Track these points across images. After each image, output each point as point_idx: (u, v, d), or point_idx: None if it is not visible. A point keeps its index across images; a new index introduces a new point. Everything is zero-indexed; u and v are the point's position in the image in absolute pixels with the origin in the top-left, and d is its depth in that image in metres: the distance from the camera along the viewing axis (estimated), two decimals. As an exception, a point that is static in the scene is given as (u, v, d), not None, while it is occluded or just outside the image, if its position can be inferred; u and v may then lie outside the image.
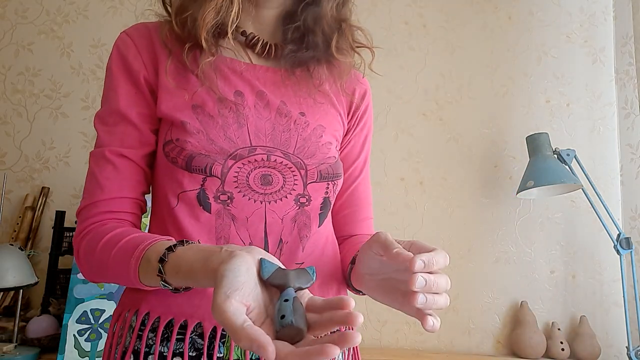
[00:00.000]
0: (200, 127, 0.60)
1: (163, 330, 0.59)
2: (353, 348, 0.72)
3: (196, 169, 0.59)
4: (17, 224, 1.75)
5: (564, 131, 1.93)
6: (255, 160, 0.61)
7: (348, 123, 0.74)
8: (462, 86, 1.96)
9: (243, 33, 0.65)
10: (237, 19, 0.61)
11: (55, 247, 1.62)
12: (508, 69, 1.97)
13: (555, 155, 1.72)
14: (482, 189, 1.90)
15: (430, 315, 0.49)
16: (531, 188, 1.63)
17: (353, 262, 0.64)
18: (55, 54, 1.89)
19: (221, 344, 0.59)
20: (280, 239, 0.63)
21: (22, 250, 1.59)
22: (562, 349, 1.69)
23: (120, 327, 0.62)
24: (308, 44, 0.66)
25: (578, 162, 1.71)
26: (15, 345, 1.47)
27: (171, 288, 0.52)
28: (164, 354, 0.58)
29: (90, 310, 1.46)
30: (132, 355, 0.59)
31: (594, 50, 1.99)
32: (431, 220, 1.88)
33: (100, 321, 1.46)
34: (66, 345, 1.41)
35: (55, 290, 1.62)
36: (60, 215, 1.65)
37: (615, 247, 1.62)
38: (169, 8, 0.65)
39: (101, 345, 1.44)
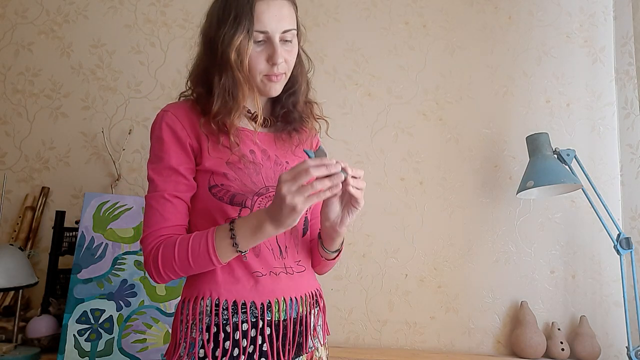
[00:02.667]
0: (236, 175, 0.92)
1: (231, 308, 0.89)
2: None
3: (236, 203, 0.91)
4: (17, 224, 1.75)
5: (564, 131, 1.93)
6: (269, 196, 0.94)
7: None
8: (462, 86, 1.96)
9: (248, 111, 0.98)
10: (261, 117, 0.97)
11: (55, 247, 1.62)
12: (508, 69, 1.98)
13: (555, 155, 1.72)
14: (482, 189, 1.90)
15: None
16: (531, 188, 1.63)
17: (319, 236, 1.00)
18: (55, 54, 1.89)
19: (268, 311, 0.90)
20: (285, 245, 0.96)
21: (22, 250, 1.59)
22: (562, 349, 1.70)
23: (199, 311, 0.89)
24: (290, 120, 1.01)
25: (578, 162, 1.71)
26: (15, 345, 1.47)
27: (238, 248, 0.83)
28: (236, 322, 0.88)
29: (90, 310, 1.46)
30: (214, 327, 0.88)
31: (594, 50, 1.99)
32: (431, 220, 1.88)
33: (100, 321, 1.46)
34: (66, 345, 1.41)
35: (55, 290, 1.62)
36: (60, 215, 1.65)
37: (615, 247, 1.62)
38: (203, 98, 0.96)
39: (101, 345, 1.44)
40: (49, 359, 1.45)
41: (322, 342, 1.01)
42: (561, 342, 1.71)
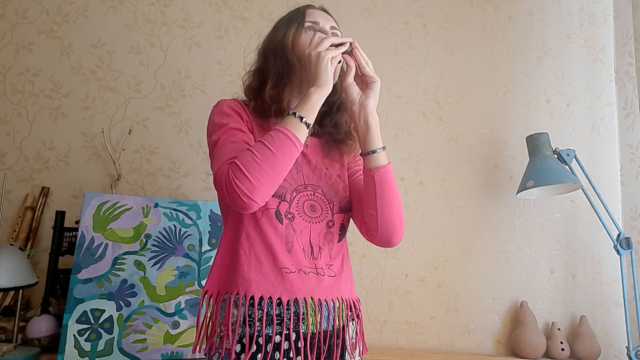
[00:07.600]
0: None
1: (258, 303, 0.90)
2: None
3: (276, 195, 0.93)
4: (17, 224, 1.75)
5: (564, 131, 1.93)
6: (308, 194, 0.98)
7: (348, 166, 1.13)
8: (462, 86, 1.96)
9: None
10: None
11: (55, 247, 1.62)
12: (508, 69, 1.98)
13: (555, 155, 1.72)
14: (482, 189, 1.90)
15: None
16: (531, 188, 1.64)
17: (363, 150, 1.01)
18: (55, 54, 1.89)
19: (303, 324, 0.90)
20: (319, 245, 0.96)
21: (22, 250, 1.59)
22: (562, 349, 1.70)
23: (227, 304, 0.91)
24: (339, 130, 1.07)
25: (578, 162, 1.71)
26: (15, 345, 1.47)
27: (304, 119, 0.88)
28: (269, 334, 0.89)
29: (90, 310, 1.46)
30: (245, 325, 0.89)
31: (594, 50, 1.99)
32: (431, 220, 1.88)
33: (100, 321, 1.46)
34: (66, 345, 1.41)
35: (55, 290, 1.62)
36: (60, 215, 1.65)
37: (615, 247, 1.62)
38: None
39: (101, 345, 1.44)
40: (49, 359, 1.45)
41: (360, 355, 1.01)
42: (561, 342, 1.71)
